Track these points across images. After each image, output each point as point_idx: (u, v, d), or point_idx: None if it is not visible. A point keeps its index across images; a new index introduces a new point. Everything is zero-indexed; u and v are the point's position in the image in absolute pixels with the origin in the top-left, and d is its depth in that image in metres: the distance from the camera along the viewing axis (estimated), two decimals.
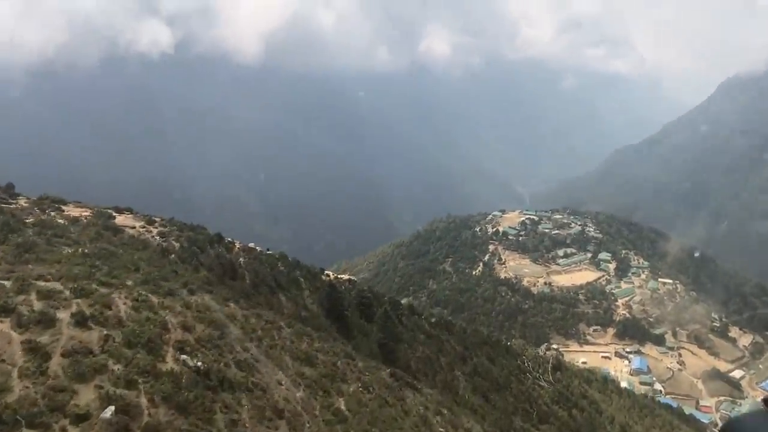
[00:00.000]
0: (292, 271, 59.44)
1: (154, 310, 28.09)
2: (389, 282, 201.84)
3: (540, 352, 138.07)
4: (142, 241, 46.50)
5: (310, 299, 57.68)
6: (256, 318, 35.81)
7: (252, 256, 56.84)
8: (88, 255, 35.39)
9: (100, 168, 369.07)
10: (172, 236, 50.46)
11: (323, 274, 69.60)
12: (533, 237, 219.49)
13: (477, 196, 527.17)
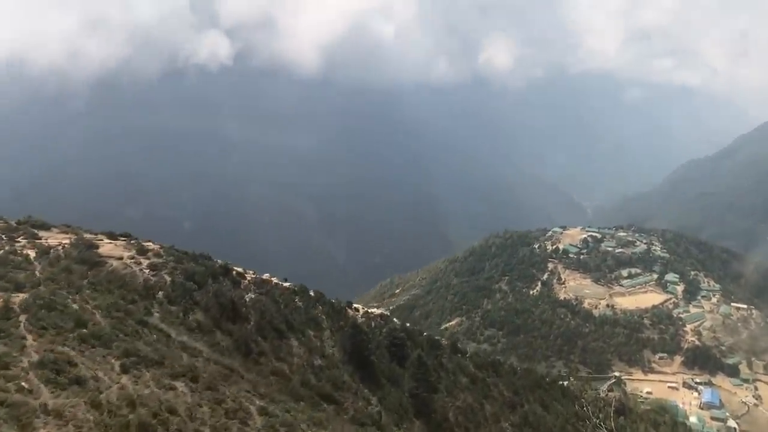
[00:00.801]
0: (311, 307, 51.11)
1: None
2: (441, 300, 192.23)
3: (601, 392, 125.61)
4: (122, 277, 38.95)
5: (332, 340, 49.26)
6: (212, 406, 26.97)
7: (264, 291, 48.78)
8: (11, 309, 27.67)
9: (159, 180, 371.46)
10: (166, 269, 42.84)
11: (350, 309, 60.75)
12: (595, 256, 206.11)
13: (538, 210, 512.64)
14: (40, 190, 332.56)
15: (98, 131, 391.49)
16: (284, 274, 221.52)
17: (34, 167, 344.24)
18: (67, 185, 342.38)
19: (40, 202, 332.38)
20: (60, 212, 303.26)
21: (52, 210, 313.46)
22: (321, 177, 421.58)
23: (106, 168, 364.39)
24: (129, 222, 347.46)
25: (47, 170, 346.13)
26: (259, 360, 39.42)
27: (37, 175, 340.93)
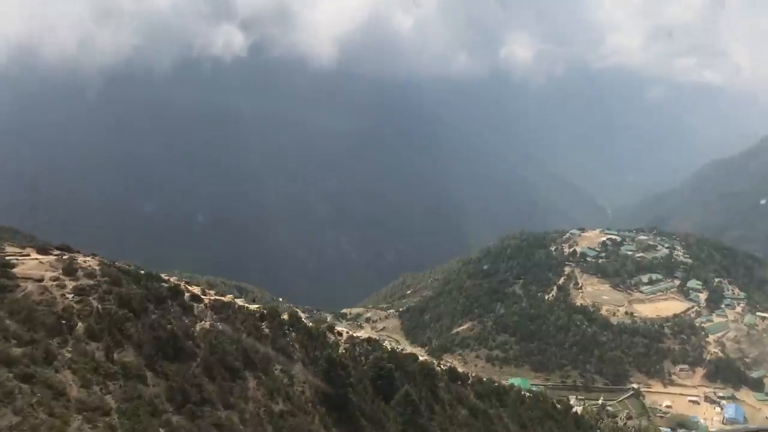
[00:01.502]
0: (280, 336, 43.32)
1: None
2: (453, 303, 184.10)
3: (619, 420, 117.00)
4: (30, 307, 31.41)
5: (304, 375, 41.54)
6: None
7: (222, 317, 41.08)
8: None
9: (173, 173, 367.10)
10: (96, 293, 35.31)
11: (331, 334, 52.87)
12: (614, 260, 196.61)
13: (556, 208, 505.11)
14: (53, 182, 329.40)
15: (111, 122, 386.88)
16: (295, 269, 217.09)
17: (45, 158, 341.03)
18: (79, 176, 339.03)
19: (52, 193, 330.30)
20: (72, 203, 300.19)
21: (65, 202, 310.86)
22: (336, 172, 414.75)
23: (119, 159, 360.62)
24: (144, 214, 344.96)
25: (59, 161, 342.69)
26: (197, 411, 31.76)
27: (49, 166, 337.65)
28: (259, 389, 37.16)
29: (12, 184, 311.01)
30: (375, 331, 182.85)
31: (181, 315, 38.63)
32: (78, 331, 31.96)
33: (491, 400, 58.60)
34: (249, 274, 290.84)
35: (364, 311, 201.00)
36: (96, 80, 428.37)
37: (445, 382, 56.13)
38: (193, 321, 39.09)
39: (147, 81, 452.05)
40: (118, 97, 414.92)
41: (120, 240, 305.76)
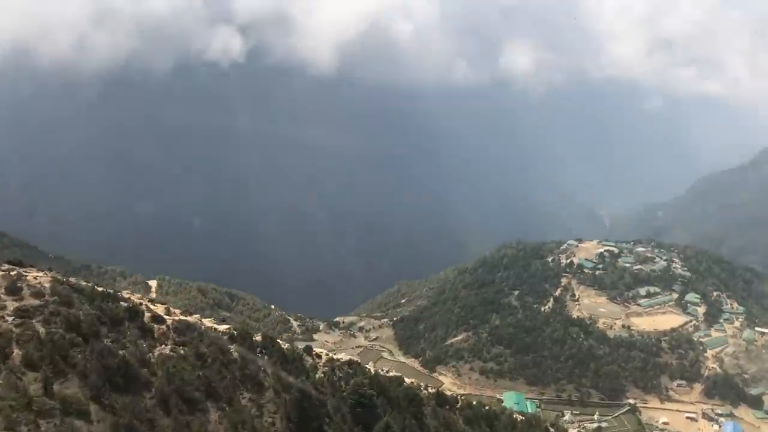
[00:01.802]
0: (250, 360, 39.72)
1: None
2: (448, 313, 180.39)
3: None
4: None
5: (275, 404, 37.97)
6: None
7: (187, 340, 37.52)
8: None
9: (169, 176, 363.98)
10: (41, 315, 31.80)
11: (309, 356, 49.19)
12: (612, 272, 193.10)
13: (555, 217, 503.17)
14: (48, 183, 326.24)
15: (107, 125, 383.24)
16: (291, 274, 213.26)
17: (41, 160, 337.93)
18: (75, 178, 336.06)
19: (47, 196, 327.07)
20: (67, 206, 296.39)
21: (59, 203, 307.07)
22: (334, 178, 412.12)
23: (114, 162, 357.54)
24: (139, 217, 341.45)
25: (54, 163, 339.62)
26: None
27: (44, 167, 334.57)
28: (221, 422, 33.57)
29: (6, 187, 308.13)
30: (368, 340, 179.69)
31: (138, 339, 35.07)
32: (13, 360, 28.45)
33: (481, 425, 54.94)
34: (243, 279, 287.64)
35: (358, 320, 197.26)
36: (92, 83, 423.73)
37: (432, 407, 52.47)
38: (152, 345, 35.54)
39: (144, 84, 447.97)
40: (114, 100, 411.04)
41: (114, 243, 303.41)
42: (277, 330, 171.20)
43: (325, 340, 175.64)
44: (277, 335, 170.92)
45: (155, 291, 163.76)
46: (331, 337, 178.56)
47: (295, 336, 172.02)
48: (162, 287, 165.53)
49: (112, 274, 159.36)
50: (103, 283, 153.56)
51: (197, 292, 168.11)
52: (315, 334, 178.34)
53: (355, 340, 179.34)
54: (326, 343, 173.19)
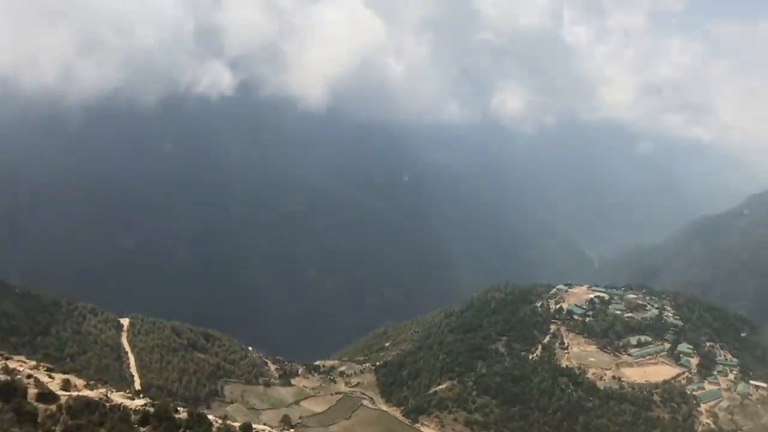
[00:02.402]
0: None
1: None
2: (433, 359, 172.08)
3: None
4: None
5: None
6: None
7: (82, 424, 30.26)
8: None
9: (154, 207, 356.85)
10: None
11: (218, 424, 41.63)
12: (602, 319, 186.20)
13: (544, 257, 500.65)
14: (31, 214, 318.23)
15: (92, 155, 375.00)
16: (275, 312, 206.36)
17: (23, 190, 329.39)
18: (58, 209, 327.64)
19: (29, 227, 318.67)
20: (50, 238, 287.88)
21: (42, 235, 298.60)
22: (322, 213, 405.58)
23: (99, 193, 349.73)
24: (120, 250, 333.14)
25: (38, 193, 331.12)
26: None
27: (27, 198, 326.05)
28: None
29: None
30: (349, 386, 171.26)
31: (12, 426, 27.98)
32: None
33: None
34: (225, 316, 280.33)
35: (339, 364, 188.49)
36: (78, 114, 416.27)
37: None
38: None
39: (131, 116, 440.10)
40: (100, 131, 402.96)
41: (94, 276, 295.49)
42: (254, 373, 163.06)
43: (303, 385, 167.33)
44: (253, 379, 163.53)
45: (127, 330, 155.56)
46: (310, 382, 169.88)
47: (272, 380, 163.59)
48: (134, 326, 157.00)
49: (82, 311, 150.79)
50: (72, 320, 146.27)
51: (171, 332, 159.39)
52: (293, 378, 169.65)
53: (335, 386, 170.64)
54: (304, 388, 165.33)
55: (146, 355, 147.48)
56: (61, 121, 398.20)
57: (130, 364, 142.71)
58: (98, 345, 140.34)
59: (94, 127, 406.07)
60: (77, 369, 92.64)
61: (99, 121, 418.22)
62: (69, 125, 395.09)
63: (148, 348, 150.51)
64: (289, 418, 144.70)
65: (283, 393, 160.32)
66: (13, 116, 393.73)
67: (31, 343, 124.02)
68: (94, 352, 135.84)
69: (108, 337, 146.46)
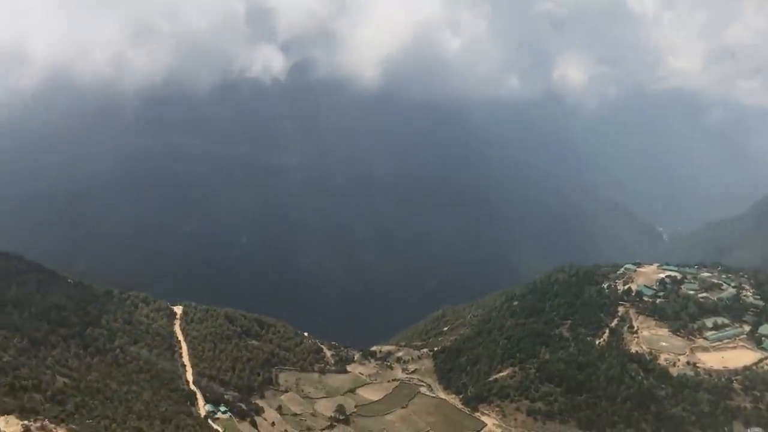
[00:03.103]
0: None
1: None
2: (493, 344, 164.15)
3: None
4: None
5: None
6: None
7: None
8: None
9: (214, 195, 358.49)
10: None
11: None
12: (674, 300, 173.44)
13: (609, 235, 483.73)
14: (90, 201, 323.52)
15: (147, 142, 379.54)
16: (336, 293, 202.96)
17: (82, 178, 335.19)
18: (117, 197, 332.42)
19: (91, 215, 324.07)
20: (113, 225, 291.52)
21: (105, 223, 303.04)
22: (380, 195, 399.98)
23: (157, 181, 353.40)
24: (185, 235, 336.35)
25: (96, 181, 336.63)
26: None
27: (87, 185, 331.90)
28: None
29: (46, 206, 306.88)
30: (406, 373, 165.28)
31: None
32: None
33: None
34: (282, 298, 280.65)
35: (396, 349, 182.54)
36: (132, 101, 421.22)
37: None
38: None
39: (184, 102, 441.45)
40: (155, 118, 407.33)
41: (155, 263, 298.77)
42: (309, 360, 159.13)
43: (359, 371, 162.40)
44: (308, 366, 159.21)
45: (180, 318, 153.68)
46: (366, 368, 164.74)
47: (328, 367, 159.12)
48: (187, 314, 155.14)
49: (135, 300, 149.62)
50: (124, 310, 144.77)
51: (224, 320, 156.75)
52: (349, 365, 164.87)
53: (392, 372, 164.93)
54: (360, 375, 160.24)
55: (199, 343, 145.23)
56: (116, 109, 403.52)
57: (183, 353, 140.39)
58: (150, 335, 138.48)
59: (148, 114, 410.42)
60: None
61: (153, 108, 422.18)
62: (124, 113, 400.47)
63: (201, 336, 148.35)
64: (344, 407, 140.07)
65: (339, 380, 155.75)
66: (68, 106, 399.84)
67: (81, 334, 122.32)
68: (145, 342, 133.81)
69: (160, 326, 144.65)
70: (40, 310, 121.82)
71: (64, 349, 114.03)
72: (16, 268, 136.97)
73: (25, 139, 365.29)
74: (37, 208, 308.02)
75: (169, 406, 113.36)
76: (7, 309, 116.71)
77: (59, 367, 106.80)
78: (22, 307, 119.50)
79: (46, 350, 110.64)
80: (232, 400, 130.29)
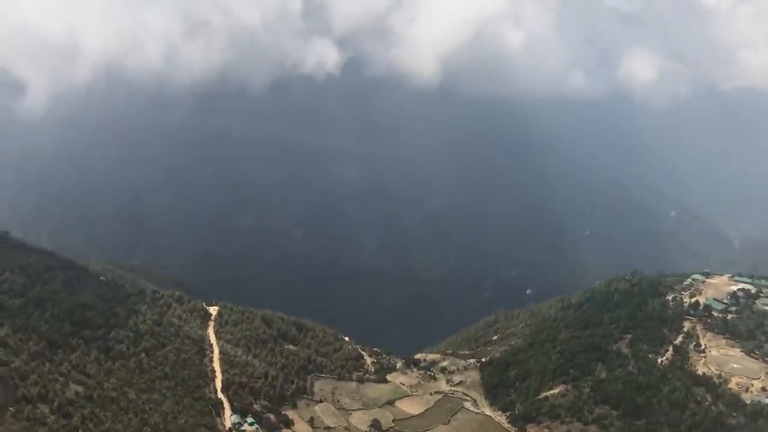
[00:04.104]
0: None
1: None
2: (544, 358, 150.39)
3: None
4: None
5: None
6: None
7: None
8: None
9: (268, 190, 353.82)
10: None
11: None
12: (748, 317, 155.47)
13: (677, 239, 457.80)
14: (151, 194, 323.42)
15: (201, 138, 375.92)
16: (387, 292, 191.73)
17: (139, 174, 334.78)
18: (174, 191, 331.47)
19: (148, 210, 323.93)
20: (169, 220, 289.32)
21: (162, 218, 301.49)
22: (438, 193, 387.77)
23: (214, 176, 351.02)
24: (242, 229, 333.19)
25: (153, 176, 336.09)
26: None
27: (145, 179, 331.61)
28: None
29: (105, 200, 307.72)
30: (450, 384, 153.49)
31: None
32: None
33: None
34: (331, 298, 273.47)
35: (441, 358, 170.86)
36: (185, 97, 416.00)
37: None
38: None
39: (238, 98, 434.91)
40: (208, 114, 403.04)
41: (211, 259, 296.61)
42: (347, 368, 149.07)
43: (400, 381, 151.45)
44: (346, 374, 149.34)
45: (214, 320, 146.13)
46: (408, 378, 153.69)
47: (367, 376, 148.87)
48: (222, 316, 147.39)
49: (168, 300, 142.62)
50: (155, 310, 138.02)
51: (260, 322, 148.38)
52: (390, 373, 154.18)
53: (435, 384, 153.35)
54: (401, 385, 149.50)
55: (231, 348, 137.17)
56: (169, 104, 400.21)
57: (214, 358, 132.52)
58: (179, 338, 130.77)
59: (202, 109, 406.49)
60: None
61: (207, 103, 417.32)
62: (177, 108, 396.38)
63: (235, 340, 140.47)
64: (380, 422, 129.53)
65: (378, 390, 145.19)
66: (121, 101, 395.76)
67: (104, 337, 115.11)
68: (173, 347, 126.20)
69: (192, 328, 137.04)
70: (64, 310, 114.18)
71: (84, 353, 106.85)
72: (45, 265, 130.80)
73: (81, 132, 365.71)
74: (96, 202, 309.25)
75: (191, 417, 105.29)
76: (27, 309, 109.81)
77: (75, 372, 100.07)
78: (44, 306, 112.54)
79: (64, 354, 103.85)
80: (261, 410, 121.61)
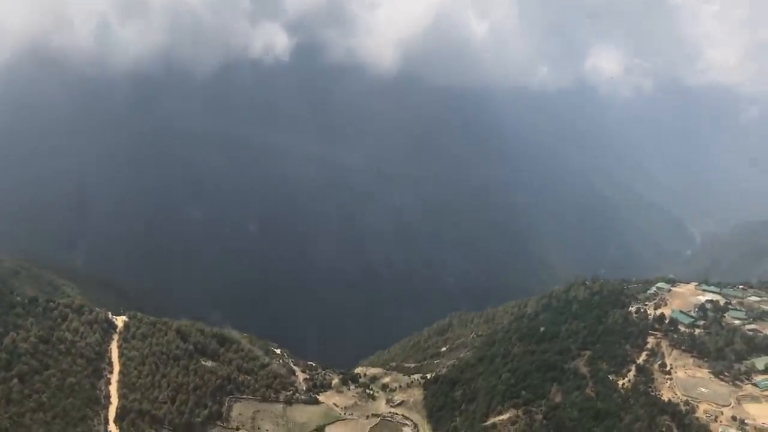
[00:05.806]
0: None
1: None
2: (494, 377, 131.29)
3: None
4: None
5: None
6: None
7: None
8: None
9: (216, 182, 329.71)
10: None
11: None
12: (717, 333, 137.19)
13: (640, 232, 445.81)
14: (87, 185, 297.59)
15: (137, 127, 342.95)
16: (346, 288, 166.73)
17: (77, 165, 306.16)
18: (117, 181, 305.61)
19: (90, 197, 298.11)
20: (113, 216, 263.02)
21: (105, 214, 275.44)
22: (397, 186, 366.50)
23: (159, 166, 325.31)
24: (190, 222, 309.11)
25: (92, 167, 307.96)
26: None
27: (77, 170, 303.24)
28: None
29: (43, 191, 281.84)
30: (390, 405, 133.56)
31: None
32: None
33: None
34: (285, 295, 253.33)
35: (383, 373, 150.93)
36: (123, 81, 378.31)
37: None
38: None
39: (180, 85, 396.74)
40: (147, 101, 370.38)
41: (158, 254, 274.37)
42: (274, 386, 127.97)
43: (334, 402, 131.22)
44: (272, 395, 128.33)
45: (119, 332, 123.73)
46: (343, 398, 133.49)
47: (296, 396, 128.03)
48: (129, 328, 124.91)
49: (63, 310, 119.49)
50: (44, 324, 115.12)
51: (174, 335, 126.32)
52: (323, 393, 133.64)
53: (374, 404, 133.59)
54: (334, 407, 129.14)
55: (135, 367, 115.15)
56: (108, 88, 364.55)
57: (112, 380, 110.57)
58: (70, 356, 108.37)
59: (143, 95, 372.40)
60: None
61: (149, 88, 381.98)
62: (116, 93, 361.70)
63: (141, 357, 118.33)
64: None
65: (307, 414, 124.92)
66: (51, 85, 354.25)
67: None
68: (58, 369, 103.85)
69: (88, 344, 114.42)
70: None
71: None
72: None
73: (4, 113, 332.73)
74: (33, 192, 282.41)
75: None
76: None
77: None
78: None
79: None
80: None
